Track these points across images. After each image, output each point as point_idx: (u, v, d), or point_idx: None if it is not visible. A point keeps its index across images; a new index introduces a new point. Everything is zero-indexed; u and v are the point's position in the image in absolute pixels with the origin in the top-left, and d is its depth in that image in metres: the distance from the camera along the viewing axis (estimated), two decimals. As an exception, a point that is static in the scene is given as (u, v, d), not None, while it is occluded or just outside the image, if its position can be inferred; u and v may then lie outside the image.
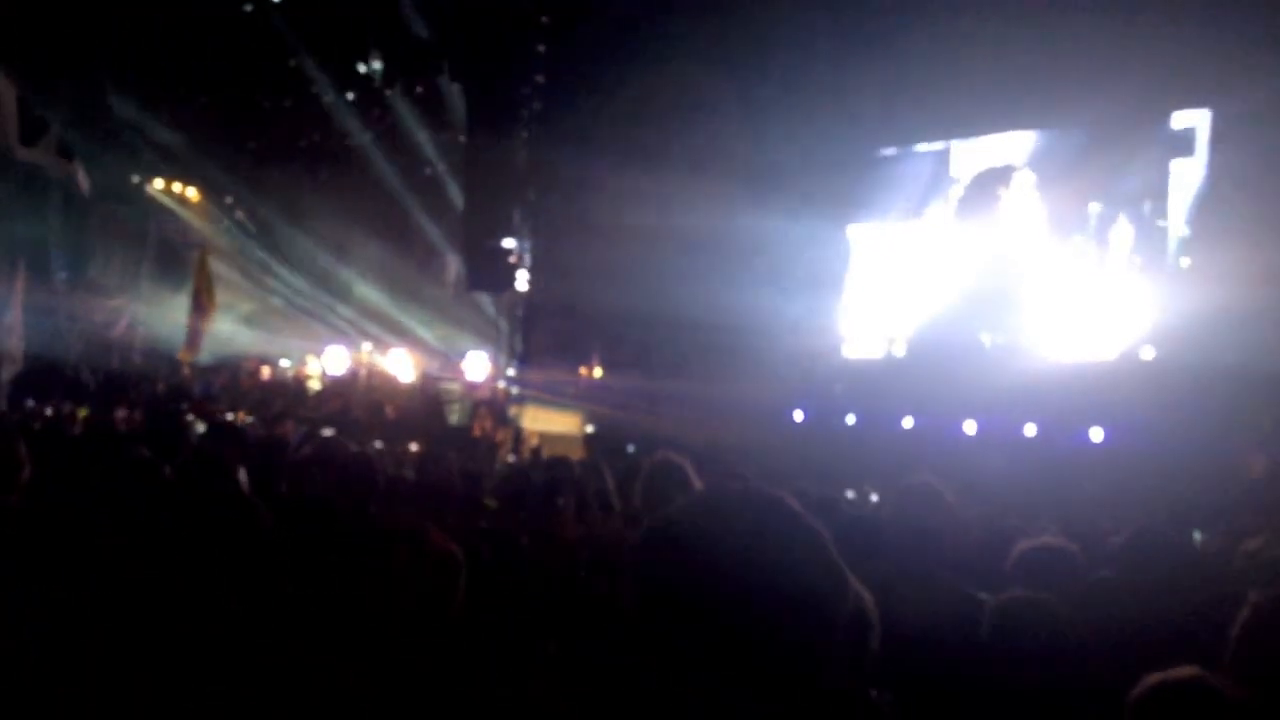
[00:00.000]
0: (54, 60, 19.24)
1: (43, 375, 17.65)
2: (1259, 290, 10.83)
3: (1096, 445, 12.38)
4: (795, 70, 14.54)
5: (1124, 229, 12.95)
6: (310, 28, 20.14)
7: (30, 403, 15.47)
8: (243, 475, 4.56)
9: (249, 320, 24.15)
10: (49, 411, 14.39)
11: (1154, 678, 1.77)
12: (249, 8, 19.41)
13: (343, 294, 24.62)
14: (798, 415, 15.38)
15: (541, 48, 18.75)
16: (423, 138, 22.48)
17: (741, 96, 14.91)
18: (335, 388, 20.85)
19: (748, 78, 14.98)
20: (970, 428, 13.51)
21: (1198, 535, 5.50)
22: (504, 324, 20.44)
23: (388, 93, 21.64)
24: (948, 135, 14.76)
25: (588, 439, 14.58)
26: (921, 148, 15.17)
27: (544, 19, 18.58)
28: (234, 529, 3.67)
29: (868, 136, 15.21)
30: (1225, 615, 2.99)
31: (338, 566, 3.20)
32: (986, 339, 14.05)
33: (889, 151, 15.50)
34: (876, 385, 14.80)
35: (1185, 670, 1.77)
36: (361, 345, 23.00)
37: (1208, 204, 12.07)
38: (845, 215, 15.64)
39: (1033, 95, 13.06)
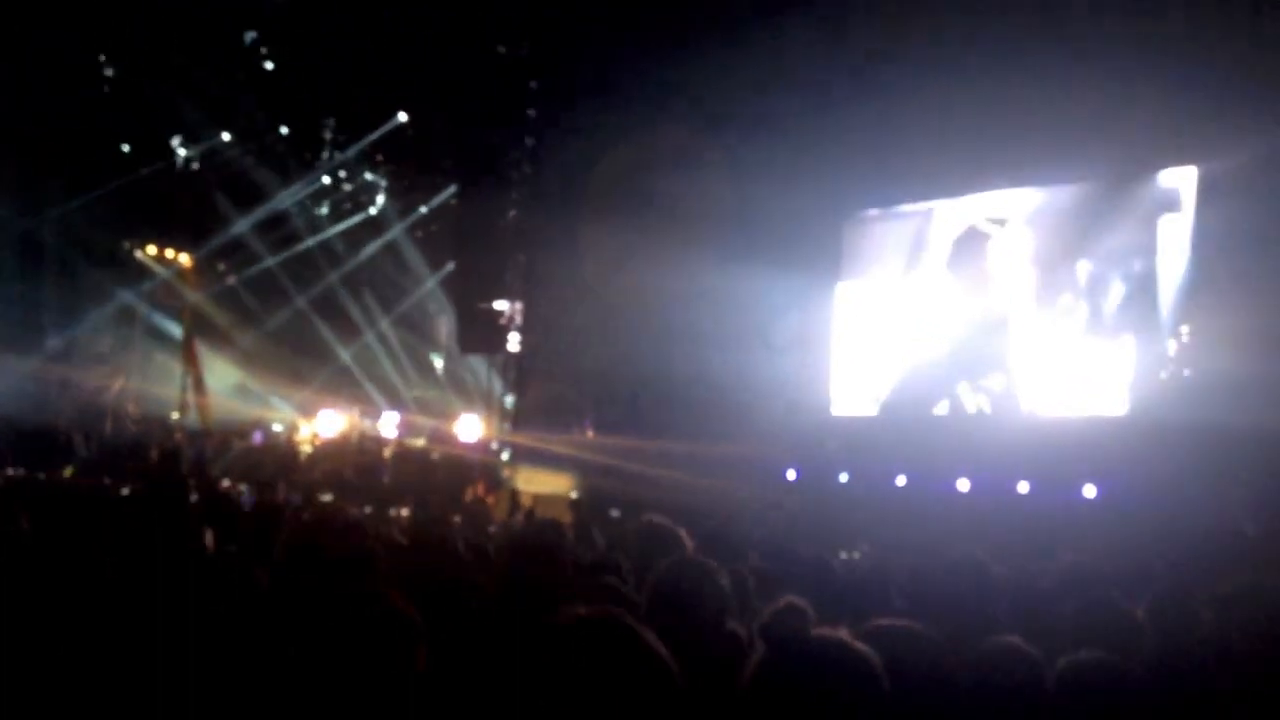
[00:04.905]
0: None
1: (34, 441, 17.60)
2: (1249, 348, 10.86)
3: (1090, 501, 12.37)
4: (781, 130, 14.66)
5: (1114, 287, 13.00)
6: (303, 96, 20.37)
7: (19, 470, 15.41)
8: (209, 536, 4.58)
9: (241, 385, 24.16)
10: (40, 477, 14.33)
11: None
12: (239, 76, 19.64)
13: (336, 358, 24.66)
14: (790, 474, 15.35)
15: (530, 111, 18.92)
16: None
17: (729, 157, 15.01)
18: (327, 450, 20.83)
19: (734, 139, 15.10)
20: (963, 485, 13.49)
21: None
22: (496, 385, 20.48)
23: (378, 158, 21.85)
24: (934, 195, 14.84)
25: (573, 504, 14.50)
26: (908, 207, 15.26)
27: (532, 83, 18.76)
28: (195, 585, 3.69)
29: (855, 196, 15.31)
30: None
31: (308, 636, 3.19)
32: (975, 398, 14.08)
33: (875, 211, 15.60)
34: (869, 444, 14.79)
35: None
36: (353, 409, 23.03)
37: (1197, 262, 12.12)
38: (833, 274, 15.71)
39: (1020, 154, 13.15)
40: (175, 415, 21.56)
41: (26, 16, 17.04)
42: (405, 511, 14.52)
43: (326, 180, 24.11)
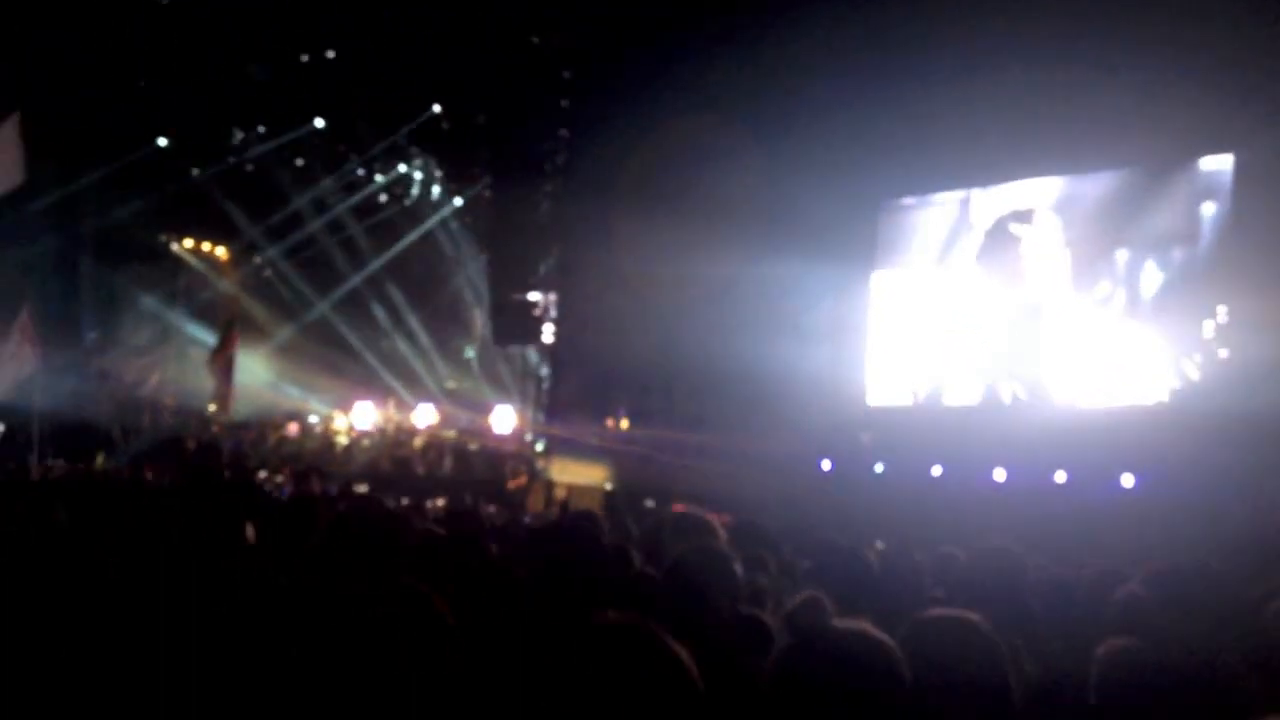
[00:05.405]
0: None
1: (74, 434, 17.77)
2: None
3: (1128, 491, 12.27)
4: (816, 119, 14.58)
5: (1152, 274, 12.88)
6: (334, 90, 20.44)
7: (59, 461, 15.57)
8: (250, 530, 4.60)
9: (277, 378, 24.29)
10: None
11: None
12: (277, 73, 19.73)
13: (370, 350, 24.74)
14: (825, 464, 15.30)
15: (564, 102, 18.91)
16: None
17: (763, 147, 14.94)
18: (362, 442, 20.95)
19: (769, 128, 15.03)
20: (1000, 475, 13.41)
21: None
22: (531, 376, 20.54)
23: (412, 150, 21.90)
24: (971, 183, 14.74)
25: (607, 495, 14.53)
26: (944, 195, 15.16)
27: (566, 74, 18.75)
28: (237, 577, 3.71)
29: (890, 185, 15.23)
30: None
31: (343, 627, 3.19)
32: (1011, 387, 13.99)
33: (911, 199, 15.51)
34: (904, 434, 14.72)
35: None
36: (388, 401, 23.13)
37: (1236, 248, 12.00)
38: (868, 263, 15.63)
39: (1057, 142, 13.05)
40: (212, 408, 21.71)
41: (59, 16, 17.17)
42: (441, 502, 14.61)
43: (361, 173, 24.18)
